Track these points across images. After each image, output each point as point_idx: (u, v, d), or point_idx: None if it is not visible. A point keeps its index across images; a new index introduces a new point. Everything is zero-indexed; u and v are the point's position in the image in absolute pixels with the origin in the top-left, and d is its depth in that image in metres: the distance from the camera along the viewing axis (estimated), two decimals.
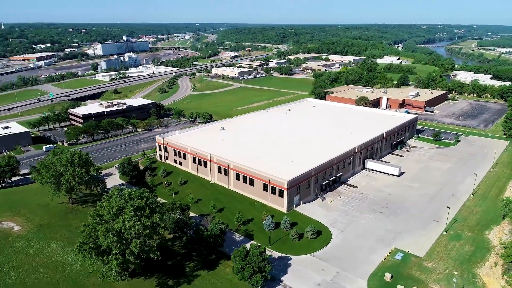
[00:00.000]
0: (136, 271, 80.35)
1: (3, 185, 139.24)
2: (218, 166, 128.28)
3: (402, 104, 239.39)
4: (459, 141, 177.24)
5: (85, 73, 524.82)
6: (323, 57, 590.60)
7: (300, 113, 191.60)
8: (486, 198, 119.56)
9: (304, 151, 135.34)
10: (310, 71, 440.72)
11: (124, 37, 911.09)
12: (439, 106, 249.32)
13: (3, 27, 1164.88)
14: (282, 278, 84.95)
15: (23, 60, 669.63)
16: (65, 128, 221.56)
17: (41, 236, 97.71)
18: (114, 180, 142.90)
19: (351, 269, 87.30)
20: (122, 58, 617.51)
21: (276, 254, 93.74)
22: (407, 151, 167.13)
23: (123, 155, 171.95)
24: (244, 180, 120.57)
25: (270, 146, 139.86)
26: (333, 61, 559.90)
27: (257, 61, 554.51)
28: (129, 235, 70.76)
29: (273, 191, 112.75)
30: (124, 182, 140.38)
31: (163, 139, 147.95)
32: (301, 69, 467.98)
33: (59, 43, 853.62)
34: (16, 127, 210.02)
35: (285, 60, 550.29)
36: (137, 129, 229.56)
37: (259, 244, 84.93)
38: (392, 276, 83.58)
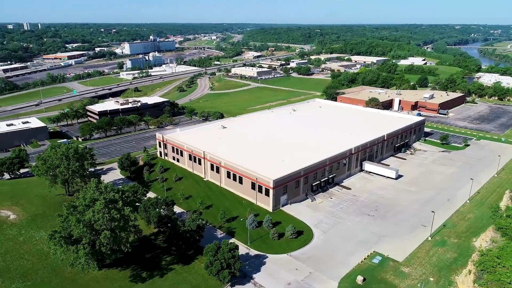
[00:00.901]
0: (108, 262, 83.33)
1: (12, 176, 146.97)
2: (211, 164, 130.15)
3: (415, 106, 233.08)
4: (468, 145, 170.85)
5: (111, 72, 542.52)
6: (345, 57, 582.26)
7: (304, 113, 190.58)
8: (483, 205, 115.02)
9: (299, 151, 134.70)
10: (329, 71, 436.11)
11: (151, 37, 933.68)
12: (455, 109, 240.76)
13: (39, 27, 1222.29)
14: (254, 275, 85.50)
15: (55, 58, 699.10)
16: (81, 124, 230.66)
17: (32, 225, 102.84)
18: (115, 174, 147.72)
19: (325, 270, 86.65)
20: (146, 57, 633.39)
21: (253, 252, 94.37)
22: (411, 154, 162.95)
23: (130, 151, 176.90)
24: (234, 178, 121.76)
25: (265, 145, 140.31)
26: (355, 61, 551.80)
27: (278, 61, 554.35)
28: (98, 226, 73.64)
29: (260, 189, 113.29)
30: (123, 177, 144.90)
31: (162, 136, 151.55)
32: (320, 69, 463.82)
33: (90, 42, 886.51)
34: (35, 122, 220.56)
35: (306, 61, 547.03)
36: (150, 127, 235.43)
37: (231, 241, 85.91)
38: (364, 279, 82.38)
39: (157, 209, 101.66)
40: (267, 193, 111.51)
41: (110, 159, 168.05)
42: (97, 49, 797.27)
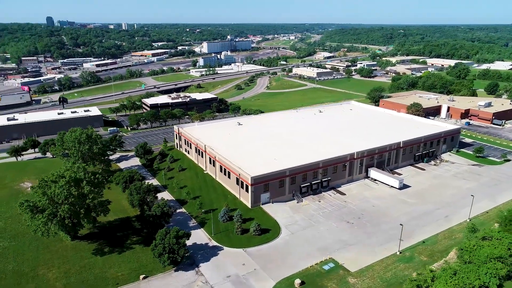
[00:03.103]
0: (80, 234, 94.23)
1: (54, 156, 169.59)
2: (209, 157, 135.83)
3: (465, 114, 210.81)
4: (508, 160, 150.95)
5: (184, 69, 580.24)
6: (420, 60, 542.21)
7: (329, 115, 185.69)
8: (483, 226, 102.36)
9: (297, 151, 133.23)
10: (393, 74, 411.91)
11: (228, 37, 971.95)
12: None
13: (135, 27, 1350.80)
14: (201, 264, 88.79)
15: (141, 55, 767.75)
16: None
17: None
18: (134, 161, 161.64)
19: (271, 269, 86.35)
20: (218, 56, 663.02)
21: (213, 244, 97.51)
22: (434, 164, 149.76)
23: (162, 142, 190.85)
24: (225, 173, 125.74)
25: (266, 144, 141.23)
26: (431, 64, 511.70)
27: (346, 62, 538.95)
28: (58, 200, 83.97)
29: (242, 185, 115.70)
30: (140, 164, 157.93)
31: (178, 128, 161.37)
32: (384, 71, 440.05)
33: (174, 41, 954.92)
34: (94, 111, 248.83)
35: (375, 62, 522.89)
36: (193, 121, 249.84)
37: (198, 230, 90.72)
38: (302, 283, 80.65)
39: (140, 194, 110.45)
40: (247, 189, 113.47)
41: None
42: (179, 48, 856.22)
